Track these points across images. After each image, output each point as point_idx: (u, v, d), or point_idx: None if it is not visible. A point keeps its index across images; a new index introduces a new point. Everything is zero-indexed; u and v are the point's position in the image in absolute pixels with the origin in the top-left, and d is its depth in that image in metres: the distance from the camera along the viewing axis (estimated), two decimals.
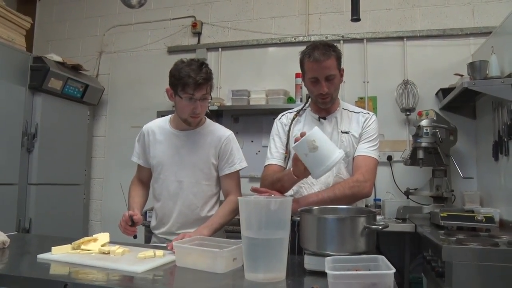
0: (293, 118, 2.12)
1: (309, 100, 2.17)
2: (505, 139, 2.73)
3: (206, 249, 1.48)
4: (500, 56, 2.80)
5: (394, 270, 1.05)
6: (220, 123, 2.22)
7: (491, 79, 2.77)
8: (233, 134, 2.15)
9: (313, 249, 1.39)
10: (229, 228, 2.32)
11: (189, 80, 1.87)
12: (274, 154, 2.11)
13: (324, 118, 2.07)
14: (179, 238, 1.75)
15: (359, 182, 1.90)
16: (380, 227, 1.38)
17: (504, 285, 1.91)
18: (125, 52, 4.49)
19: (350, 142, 2.02)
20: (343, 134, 2.04)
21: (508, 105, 2.67)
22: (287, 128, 2.11)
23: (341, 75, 2.03)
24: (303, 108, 2.16)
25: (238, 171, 2.11)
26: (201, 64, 1.93)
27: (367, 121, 2.07)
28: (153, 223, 2.19)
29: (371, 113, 2.13)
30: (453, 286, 1.96)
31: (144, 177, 2.24)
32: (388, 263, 1.14)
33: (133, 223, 1.92)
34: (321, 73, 1.91)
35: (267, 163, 2.12)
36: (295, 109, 2.19)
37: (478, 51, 3.40)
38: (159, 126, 2.16)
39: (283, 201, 1.31)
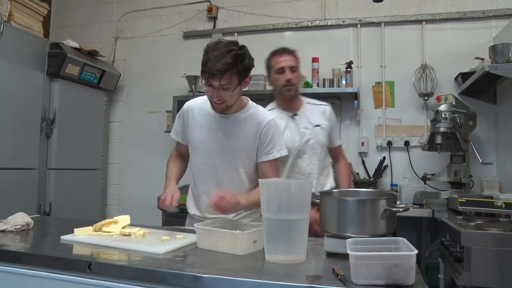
0: None
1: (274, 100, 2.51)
2: None
3: (226, 231, 1.49)
4: None
5: (416, 252, 1.05)
6: None
7: None
8: (275, 120, 2.01)
9: (333, 231, 1.39)
10: None
11: (205, 67, 1.77)
12: None
13: (296, 115, 2.40)
14: (215, 198, 1.73)
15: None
16: (401, 210, 1.37)
17: None
18: (141, 37, 4.49)
19: (323, 133, 2.43)
20: (315, 127, 2.42)
21: None
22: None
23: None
24: (270, 108, 2.42)
25: (277, 159, 1.99)
26: (229, 51, 1.76)
27: (330, 114, 2.52)
28: (189, 203, 2.14)
29: (328, 104, 2.56)
30: (472, 271, 1.94)
31: (183, 151, 2.17)
32: (410, 244, 1.14)
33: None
34: (286, 64, 2.40)
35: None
36: (268, 108, 2.42)
37: (501, 34, 3.32)
38: (200, 106, 2.04)
39: (304, 183, 1.32)
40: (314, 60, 3.68)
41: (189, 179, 2.16)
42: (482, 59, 3.15)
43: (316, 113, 2.46)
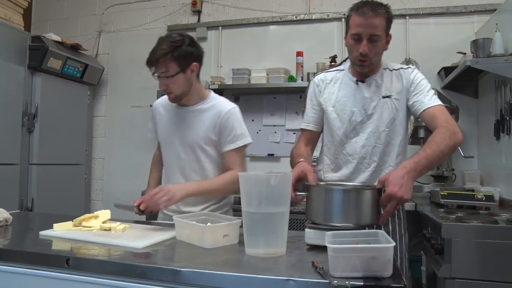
0: (330, 79, 1.99)
1: (347, 60, 2.02)
2: (507, 118, 2.71)
3: (196, 224, 1.49)
4: (504, 33, 2.76)
5: (393, 244, 1.05)
6: None
7: (495, 57, 2.74)
8: (236, 108, 2.01)
9: (320, 221, 1.43)
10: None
11: (147, 58, 1.89)
12: (308, 118, 2.03)
13: (363, 81, 1.91)
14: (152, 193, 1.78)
15: (452, 130, 1.73)
16: None
17: (503, 261, 1.93)
18: (125, 31, 4.45)
19: (393, 107, 1.88)
20: (384, 99, 1.88)
21: (511, 83, 2.65)
22: (319, 89, 1.99)
23: (387, 42, 1.86)
24: (341, 69, 2.02)
25: (241, 148, 2.00)
26: (167, 40, 1.87)
27: (412, 75, 1.90)
28: None
29: (412, 66, 1.96)
30: (452, 262, 1.97)
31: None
32: (388, 237, 1.15)
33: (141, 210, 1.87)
34: (365, 31, 1.75)
35: (301, 127, 2.08)
36: (333, 69, 2.05)
37: (482, 29, 3.35)
38: (164, 102, 2.13)
39: (284, 176, 1.31)
40: (298, 54, 3.69)
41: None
42: (464, 53, 3.18)
43: (389, 80, 1.91)
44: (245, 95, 3.99)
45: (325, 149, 2.01)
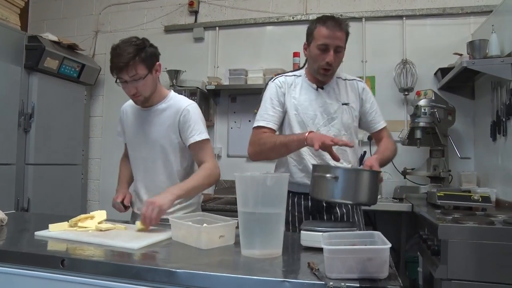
0: (291, 84, 2.07)
1: (304, 67, 2.14)
2: (503, 119, 2.72)
3: (192, 225, 1.50)
4: (500, 35, 2.77)
5: (389, 245, 1.05)
6: (217, 103, 2.19)
7: (491, 58, 2.75)
8: (193, 105, 2.04)
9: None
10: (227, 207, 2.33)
11: (111, 65, 1.88)
12: (268, 117, 2.02)
13: (322, 88, 2.04)
14: (144, 211, 1.70)
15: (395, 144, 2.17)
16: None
17: (499, 262, 1.93)
18: (122, 31, 4.42)
19: (350, 114, 2.05)
20: (343, 105, 2.03)
21: (507, 84, 2.66)
22: (282, 91, 2.05)
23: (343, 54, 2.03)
24: (298, 75, 2.11)
25: (204, 141, 1.99)
26: (129, 44, 1.87)
27: (364, 90, 2.12)
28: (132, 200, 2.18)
29: (361, 80, 2.19)
30: (449, 263, 1.97)
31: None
32: (384, 238, 1.15)
33: (125, 206, 2.03)
34: (332, 42, 1.91)
35: (259, 125, 2.02)
36: (290, 74, 2.14)
37: (478, 30, 3.36)
38: (130, 104, 2.14)
39: (280, 177, 1.31)
40: (295, 54, 3.69)
41: None
42: (461, 54, 3.19)
43: (344, 89, 2.07)
44: (242, 95, 3.98)
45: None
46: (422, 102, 3.15)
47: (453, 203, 2.55)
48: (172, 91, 2.14)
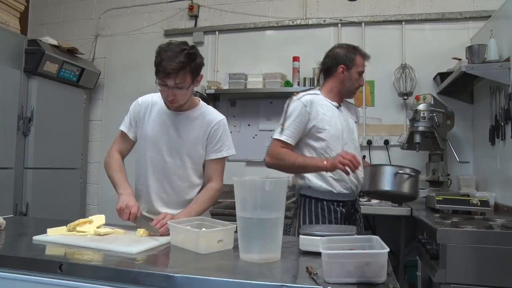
0: (315, 102, 2.25)
1: (317, 86, 2.46)
2: (502, 124, 2.72)
3: (190, 229, 1.50)
4: (499, 40, 2.78)
5: (388, 250, 1.05)
6: (216, 107, 2.18)
7: (489, 63, 2.76)
8: (225, 120, 2.08)
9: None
10: (226, 212, 2.33)
11: (159, 67, 1.81)
12: (291, 134, 2.20)
13: (340, 106, 2.35)
14: (160, 218, 1.76)
15: None
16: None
17: (498, 266, 1.93)
18: (121, 35, 4.45)
19: (357, 130, 2.44)
20: (355, 123, 2.42)
21: (505, 89, 2.66)
22: (307, 110, 2.21)
23: None
24: (317, 93, 2.32)
25: (224, 158, 2.06)
26: (181, 50, 1.81)
27: (358, 113, 2.57)
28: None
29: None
30: (447, 267, 1.97)
31: (125, 151, 2.15)
32: (383, 243, 1.15)
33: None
34: (364, 70, 2.37)
35: (281, 139, 2.20)
36: (312, 92, 2.33)
37: (477, 35, 3.37)
38: (154, 101, 2.07)
39: (279, 182, 1.31)
40: (295, 59, 3.70)
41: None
42: (460, 59, 3.20)
43: (351, 110, 2.47)
44: (241, 99, 3.99)
45: None
46: (421, 107, 3.15)
47: (452, 207, 2.55)
48: (201, 100, 2.11)
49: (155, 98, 2.07)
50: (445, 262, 1.98)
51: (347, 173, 2.06)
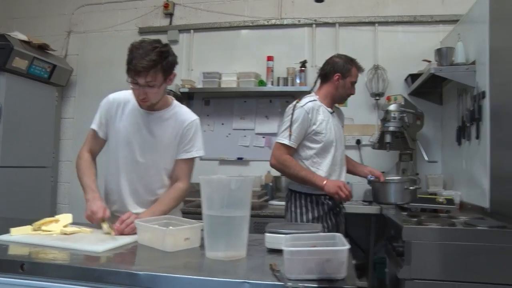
0: (315, 108, 2.46)
1: (313, 91, 2.64)
2: (468, 125, 2.80)
3: (157, 227, 1.50)
4: (466, 43, 2.85)
5: (348, 247, 1.08)
6: (191, 106, 2.17)
7: (457, 65, 2.83)
8: (198, 120, 2.07)
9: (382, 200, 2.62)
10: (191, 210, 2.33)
11: (130, 65, 1.80)
12: (294, 139, 2.41)
13: (333, 112, 2.59)
14: (124, 218, 1.73)
15: None
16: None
17: (460, 262, 2.00)
18: (95, 32, 4.39)
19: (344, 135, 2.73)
20: (342, 128, 2.67)
21: (471, 91, 2.74)
22: (309, 117, 2.43)
23: None
24: (315, 99, 2.52)
25: (193, 159, 2.06)
26: (153, 48, 1.79)
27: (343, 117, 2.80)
28: (106, 198, 2.10)
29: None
30: (412, 264, 2.03)
31: (96, 150, 2.12)
32: (344, 240, 1.17)
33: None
34: (356, 81, 2.62)
35: (285, 143, 2.40)
36: (311, 98, 2.52)
37: (447, 38, 3.45)
38: (126, 99, 2.03)
39: (244, 180, 1.33)
40: (269, 58, 3.73)
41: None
42: (429, 61, 3.27)
43: (340, 115, 2.74)
44: (215, 98, 3.99)
45: (311, 162, 2.46)
46: (392, 107, 3.21)
47: (419, 206, 2.61)
48: (174, 99, 2.10)
49: (128, 96, 2.03)
50: (410, 258, 2.04)
51: (337, 200, 2.40)
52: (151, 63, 1.77)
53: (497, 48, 2.45)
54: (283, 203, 2.98)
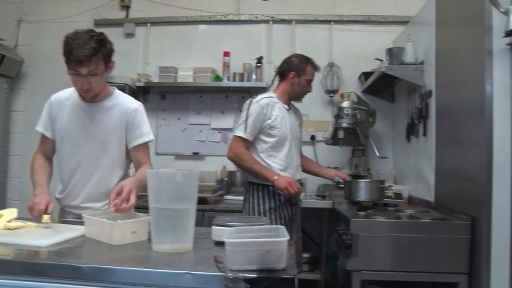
0: (271, 104, 2.59)
1: (271, 88, 2.82)
2: (416, 122, 2.92)
3: (104, 221, 1.49)
4: (415, 44, 2.97)
5: (287, 238, 1.11)
6: (146, 100, 2.16)
7: (406, 65, 2.94)
8: (141, 106, 2.08)
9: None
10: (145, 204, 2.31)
11: (70, 56, 1.79)
12: (250, 132, 2.54)
13: (290, 109, 2.73)
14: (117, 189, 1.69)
15: None
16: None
17: (405, 253, 2.09)
18: (48, 22, 4.24)
19: (301, 132, 2.88)
20: (299, 125, 2.81)
21: (420, 90, 2.86)
22: (264, 112, 2.55)
23: None
24: (272, 96, 2.66)
25: (147, 143, 2.07)
26: (90, 37, 1.80)
27: (301, 116, 2.96)
28: (58, 195, 2.10)
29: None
30: (359, 256, 2.09)
31: (48, 151, 2.12)
32: (285, 232, 1.21)
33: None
34: (313, 79, 2.78)
35: (241, 135, 2.53)
36: (268, 95, 2.67)
37: (398, 38, 3.58)
38: (67, 96, 2.05)
39: (190, 174, 1.34)
40: (225, 54, 3.75)
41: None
42: (381, 60, 3.37)
43: (297, 114, 2.89)
44: (171, 93, 3.97)
45: (267, 155, 2.60)
46: (345, 104, 3.29)
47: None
48: (116, 88, 2.10)
49: (68, 94, 2.04)
50: (357, 250, 2.10)
51: (285, 195, 2.49)
52: (92, 51, 1.78)
53: (442, 49, 2.56)
54: (238, 197, 3.03)
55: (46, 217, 1.66)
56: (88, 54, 1.77)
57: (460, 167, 2.26)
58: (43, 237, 1.48)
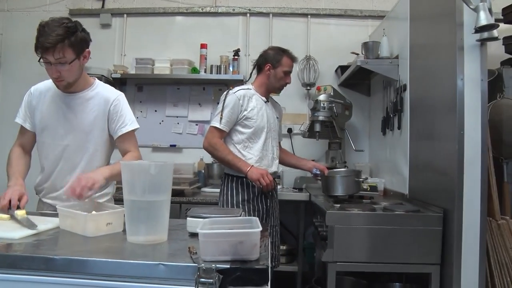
0: (247, 96, 2.61)
1: (249, 81, 2.80)
2: (391, 115, 2.97)
3: (78, 213, 1.48)
4: (390, 38, 3.02)
5: (260, 229, 1.13)
6: (123, 92, 2.13)
7: (381, 59, 2.99)
8: (122, 95, 2.08)
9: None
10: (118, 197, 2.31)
11: (38, 43, 1.78)
12: (226, 123, 2.55)
13: (268, 101, 2.76)
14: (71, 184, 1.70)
15: None
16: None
17: (379, 244, 2.14)
18: (21, 11, 4.14)
19: (279, 125, 2.89)
20: (276, 118, 2.82)
21: (395, 84, 2.90)
22: (240, 103, 2.57)
23: None
24: (249, 88, 2.69)
25: (132, 132, 2.06)
26: (59, 25, 1.78)
27: (281, 111, 3.02)
28: (39, 187, 2.08)
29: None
30: (334, 247, 2.13)
31: (27, 143, 2.10)
32: (259, 224, 1.22)
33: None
34: (292, 70, 2.78)
35: (218, 126, 2.54)
36: (245, 87, 2.70)
37: (374, 32, 3.62)
38: (47, 87, 2.03)
39: (164, 166, 1.34)
40: (202, 46, 3.74)
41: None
42: (357, 54, 3.42)
43: (276, 107, 2.90)
44: (148, 85, 3.94)
45: (243, 146, 2.62)
46: (321, 97, 3.32)
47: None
48: (96, 79, 2.09)
49: (49, 84, 2.02)
50: (332, 242, 2.14)
51: (259, 186, 2.52)
52: (58, 38, 1.75)
53: (416, 44, 2.61)
54: (215, 190, 3.04)
55: (20, 213, 1.63)
56: (52, 42, 1.74)
57: (433, 160, 2.32)
58: (16, 229, 1.47)
